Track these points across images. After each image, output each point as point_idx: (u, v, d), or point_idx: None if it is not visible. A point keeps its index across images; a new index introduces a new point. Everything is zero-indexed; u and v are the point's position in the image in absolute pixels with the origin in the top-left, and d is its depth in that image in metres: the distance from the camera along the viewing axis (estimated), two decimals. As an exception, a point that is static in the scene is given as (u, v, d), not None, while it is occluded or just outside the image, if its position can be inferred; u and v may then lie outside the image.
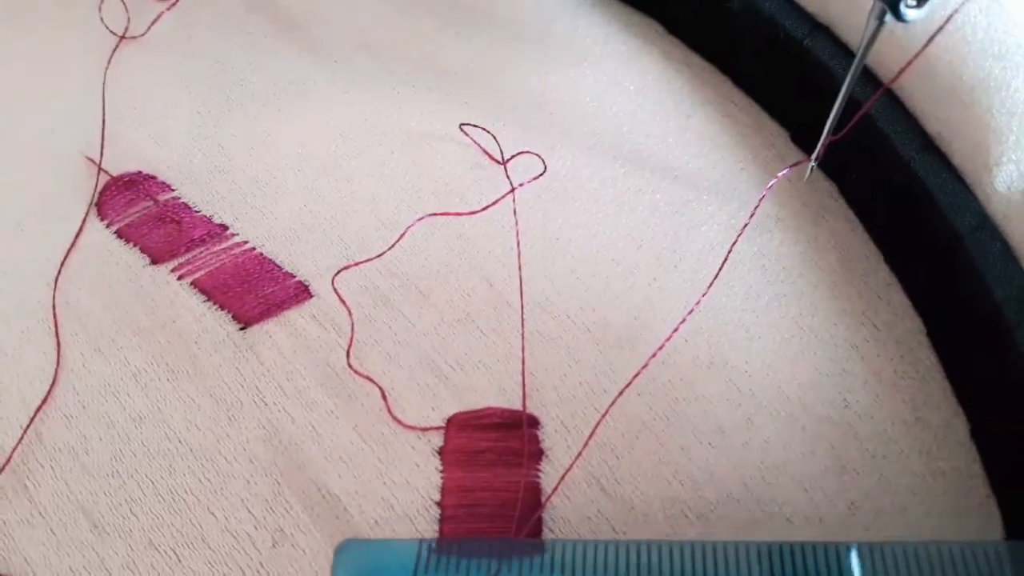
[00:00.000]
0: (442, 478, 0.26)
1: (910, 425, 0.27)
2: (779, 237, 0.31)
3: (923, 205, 0.28)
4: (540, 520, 0.26)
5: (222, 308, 0.29)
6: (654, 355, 0.28)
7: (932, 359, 0.29)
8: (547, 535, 0.25)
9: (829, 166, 0.32)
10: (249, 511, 0.26)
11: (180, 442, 0.27)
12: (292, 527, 0.25)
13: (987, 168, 0.28)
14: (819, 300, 0.30)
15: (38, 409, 0.27)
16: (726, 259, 0.29)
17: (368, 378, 0.28)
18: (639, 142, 0.34)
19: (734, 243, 0.30)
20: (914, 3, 0.24)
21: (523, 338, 0.29)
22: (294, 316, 0.29)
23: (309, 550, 0.25)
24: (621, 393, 0.27)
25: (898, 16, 0.24)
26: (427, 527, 0.26)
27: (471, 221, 0.31)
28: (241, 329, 0.29)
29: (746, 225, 0.30)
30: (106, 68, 0.36)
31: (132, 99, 0.35)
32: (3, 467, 0.26)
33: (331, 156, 0.33)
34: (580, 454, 0.26)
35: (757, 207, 0.30)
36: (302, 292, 0.29)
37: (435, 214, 0.31)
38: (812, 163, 0.30)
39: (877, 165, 0.30)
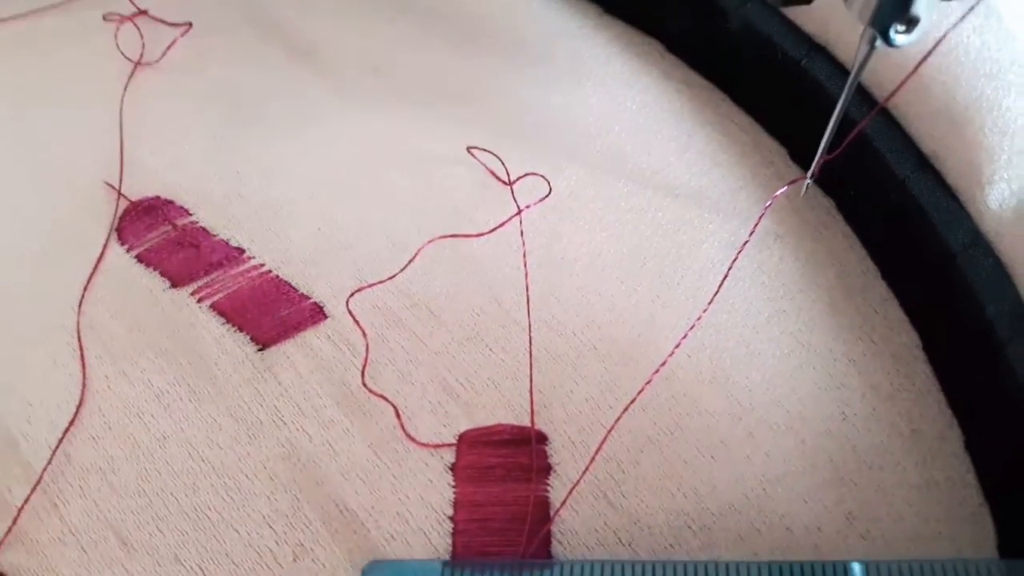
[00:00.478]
0: (454, 493, 0.27)
1: (906, 437, 0.28)
2: (778, 254, 0.32)
3: (917, 222, 0.29)
4: (549, 533, 0.27)
5: (240, 330, 0.30)
6: (657, 371, 0.29)
7: (928, 372, 0.29)
8: (556, 548, 0.27)
9: (827, 184, 0.33)
10: (271, 527, 0.27)
11: (203, 461, 0.28)
12: (312, 542, 0.27)
13: (980, 186, 0.29)
14: (817, 315, 0.31)
15: (66, 431, 0.28)
16: (726, 276, 0.30)
17: (382, 396, 0.29)
18: (641, 161, 0.35)
19: (734, 260, 0.31)
20: (903, 28, 0.25)
21: (531, 356, 0.30)
22: (310, 337, 0.30)
23: (329, 564, 0.26)
24: (626, 409, 0.28)
25: (888, 41, 0.25)
26: (440, 541, 0.27)
27: (479, 242, 0.32)
28: (259, 350, 0.30)
29: (746, 242, 0.31)
30: (123, 95, 0.37)
31: (149, 125, 0.36)
32: (34, 487, 0.27)
33: (343, 179, 0.34)
34: (587, 469, 0.27)
35: (757, 224, 0.31)
36: (317, 313, 0.31)
37: (444, 236, 0.32)
38: (808, 180, 0.31)
39: (873, 183, 0.31)
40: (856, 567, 0.24)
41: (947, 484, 0.27)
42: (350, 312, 0.31)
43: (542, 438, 0.28)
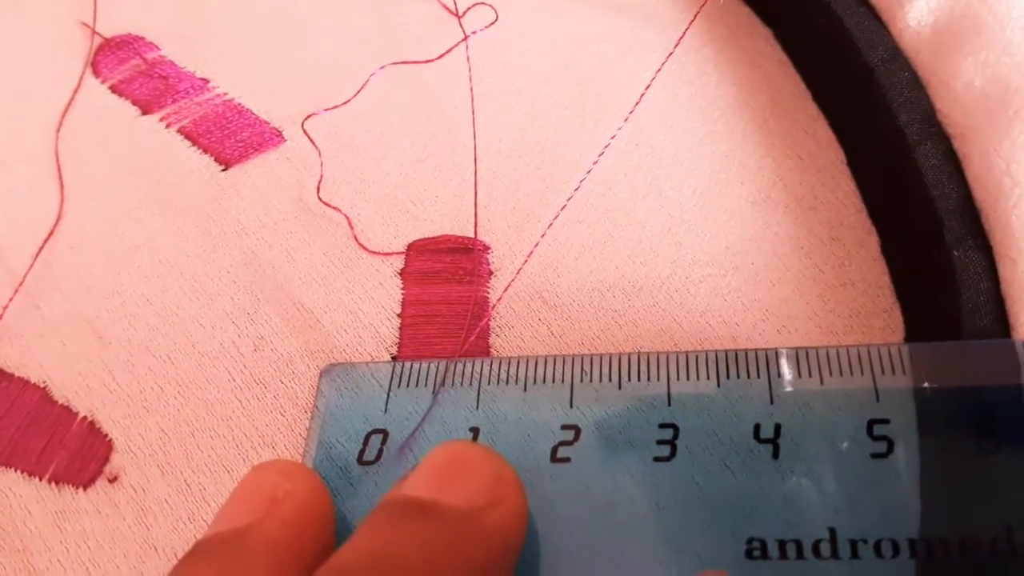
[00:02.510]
0: (402, 294, 0.30)
1: (826, 243, 0.30)
2: (716, 79, 0.33)
3: (842, 42, 0.31)
4: (488, 326, 0.29)
5: (205, 152, 0.32)
6: (585, 177, 0.31)
7: (851, 186, 0.31)
8: (494, 340, 0.29)
9: (766, 13, 0.34)
10: (233, 322, 0.29)
11: (171, 266, 0.30)
12: (271, 335, 0.29)
13: (900, 5, 0.30)
14: (750, 136, 0.32)
15: (46, 240, 0.31)
16: (649, 85, 0.31)
17: (337, 209, 0.31)
18: (591, -3, 0.36)
19: (658, 70, 0.32)
20: None
21: (475, 175, 0.32)
22: (270, 157, 0.32)
23: (286, 353, 0.29)
24: (557, 216, 0.30)
25: None
26: (388, 334, 0.29)
27: (430, 71, 0.34)
28: (223, 170, 0.32)
29: (671, 53, 0.32)
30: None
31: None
32: (16, 289, 0.30)
33: (300, 14, 0.36)
34: (521, 268, 0.30)
35: (685, 32, 0.33)
36: (276, 136, 0.33)
37: (394, 63, 0.34)
38: None
39: (804, 8, 0.32)
40: (773, 353, 0.26)
41: (863, 284, 0.29)
42: (306, 134, 0.33)
43: (485, 247, 0.31)
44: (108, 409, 0.28)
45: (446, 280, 0.30)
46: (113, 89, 0.34)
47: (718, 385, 0.25)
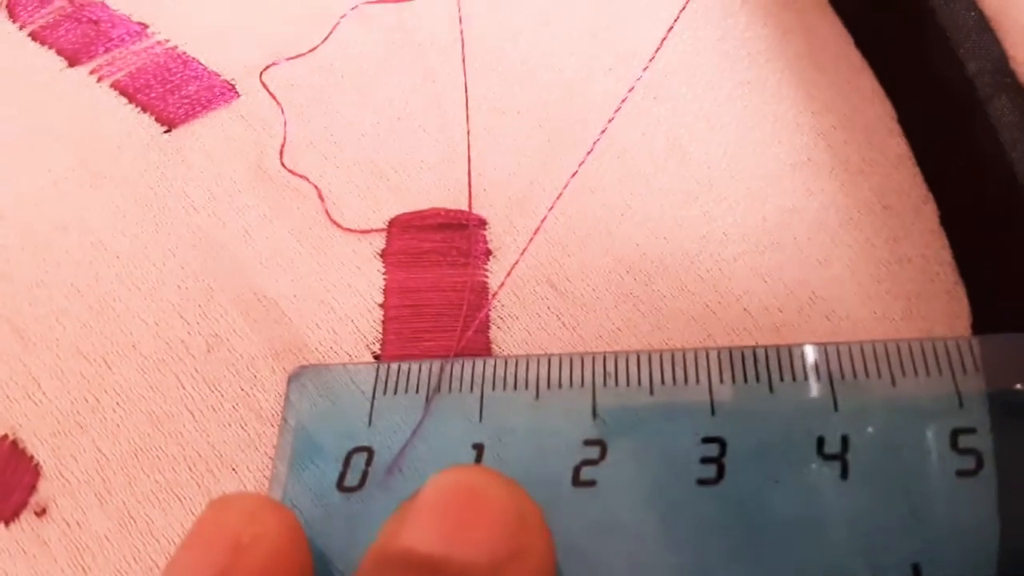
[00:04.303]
0: (385, 280, 0.25)
1: (877, 213, 0.26)
2: (744, 21, 0.29)
3: (895, -25, 0.26)
4: (487, 318, 0.25)
5: (144, 110, 0.27)
6: (598, 138, 0.26)
7: (903, 146, 0.27)
8: (495, 333, 0.25)
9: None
10: (181, 317, 0.25)
11: (106, 250, 0.26)
12: (228, 332, 0.24)
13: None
14: (785, 87, 0.28)
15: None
16: (671, 28, 0.27)
17: (304, 178, 0.26)
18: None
19: (684, 7, 0.27)
20: None
21: (468, 135, 0.27)
22: (221, 116, 0.27)
23: (246, 354, 0.24)
24: (566, 186, 0.26)
25: None
26: (370, 329, 0.25)
27: (411, 9, 0.29)
28: (166, 132, 0.27)
29: None
30: None
31: None
32: (-81, 280, 0.25)
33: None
34: (525, 249, 0.25)
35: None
36: (228, 91, 0.28)
37: (369, 1, 0.29)
38: None
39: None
40: (833, 350, 0.22)
41: (920, 261, 0.25)
42: (265, 87, 0.28)
43: (481, 223, 0.26)
44: (33, 425, 0.24)
45: (436, 263, 0.25)
46: (33, 36, 0.29)
47: (771, 390, 0.21)
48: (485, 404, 0.22)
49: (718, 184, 0.26)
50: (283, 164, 0.26)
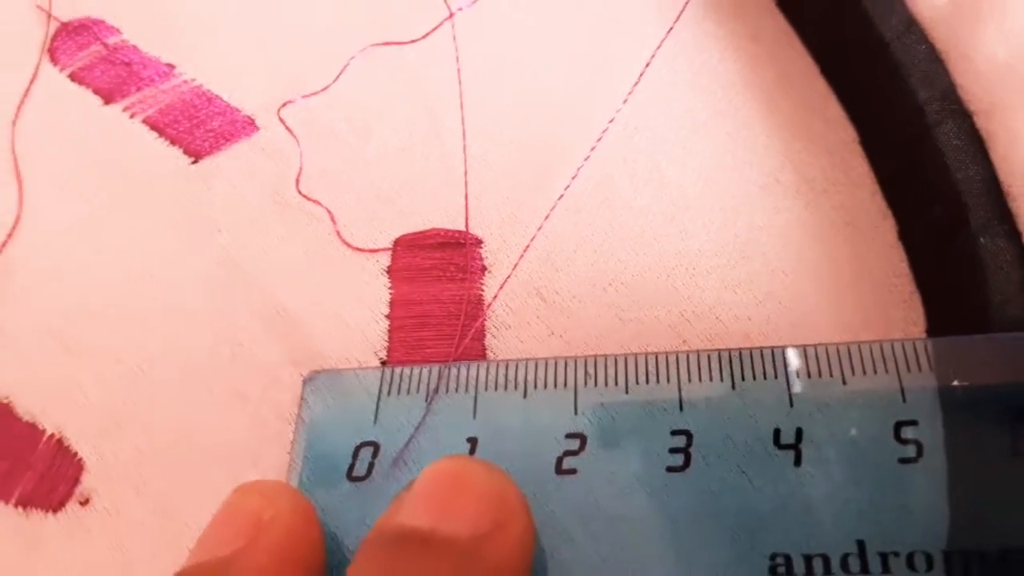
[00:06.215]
0: (390, 293, 0.28)
1: (839, 228, 0.28)
2: (718, 56, 0.31)
3: (853, 13, 0.29)
4: (483, 327, 0.27)
5: (173, 143, 0.30)
6: (582, 164, 0.29)
7: (864, 167, 0.29)
8: (490, 341, 0.27)
9: (768, -16, 0.32)
10: (209, 328, 0.27)
11: (140, 269, 0.28)
12: (250, 341, 0.27)
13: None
14: (756, 115, 0.30)
15: (3, 243, 0.29)
16: (649, 62, 0.29)
17: (317, 203, 0.29)
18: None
19: (659, 45, 0.30)
20: None
21: (465, 163, 0.30)
22: (243, 148, 0.30)
23: (267, 360, 0.27)
24: (553, 207, 0.28)
25: None
26: (377, 338, 0.27)
27: (413, 52, 0.32)
28: (192, 163, 0.30)
29: (671, 28, 0.30)
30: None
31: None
32: (-25, 297, 0.28)
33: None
34: (517, 264, 0.28)
35: (684, 7, 0.31)
36: (249, 125, 0.30)
37: (376, 44, 0.32)
38: None
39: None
40: (791, 352, 0.24)
41: (879, 273, 0.28)
42: (282, 122, 0.30)
43: (477, 241, 0.29)
44: (77, 425, 0.26)
45: (437, 278, 0.28)
46: (72, 77, 0.32)
47: (732, 387, 0.24)
48: (479, 403, 0.24)
49: (693, 204, 0.29)
50: (299, 191, 0.29)
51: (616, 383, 0.24)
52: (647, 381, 0.24)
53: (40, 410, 0.26)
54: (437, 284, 0.28)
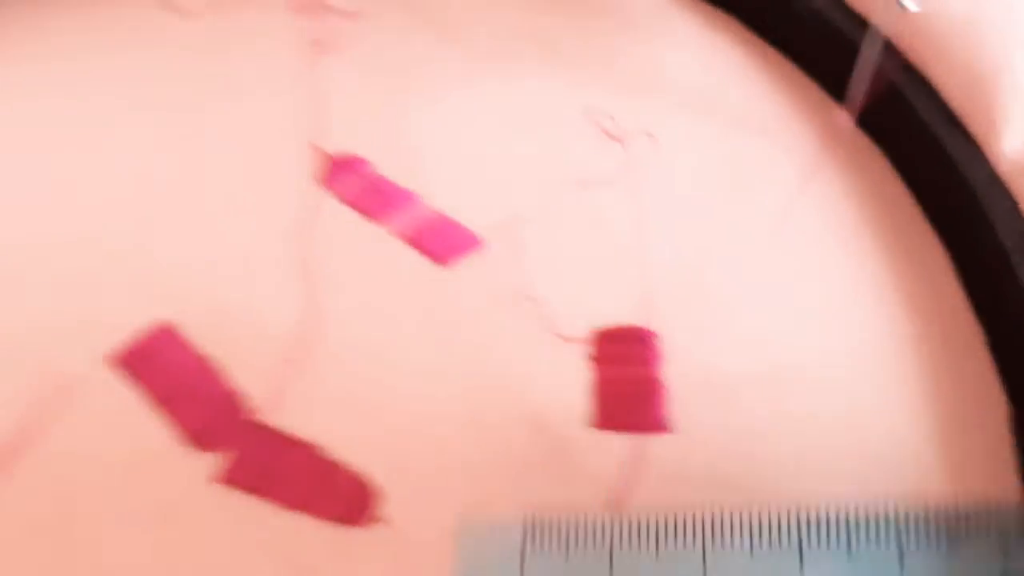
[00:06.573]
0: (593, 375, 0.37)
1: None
2: (843, 205, 0.41)
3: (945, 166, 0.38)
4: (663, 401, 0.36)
5: (423, 253, 0.40)
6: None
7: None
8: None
9: (876, 135, 0.42)
10: (462, 399, 0.36)
11: (404, 360, 0.37)
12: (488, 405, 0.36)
13: (995, 134, 0.37)
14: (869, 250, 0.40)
15: (298, 357, 0.37)
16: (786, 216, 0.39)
17: (534, 302, 0.38)
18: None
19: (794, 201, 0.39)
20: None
21: (648, 283, 0.39)
22: (474, 258, 0.40)
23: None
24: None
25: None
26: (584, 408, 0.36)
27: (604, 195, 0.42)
28: (438, 269, 0.39)
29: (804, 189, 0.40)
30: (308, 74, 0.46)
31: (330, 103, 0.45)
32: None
33: (490, 135, 0.44)
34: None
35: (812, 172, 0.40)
36: (477, 242, 0.40)
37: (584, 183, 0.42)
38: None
39: (910, 135, 0.39)
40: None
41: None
42: (503, 241, 0.40)
43: (654, 335, 0.38)
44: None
45: (624, 363, 0.37)
46: (342, 202, 0.41)
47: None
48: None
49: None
50: (521, 294, 0.39)
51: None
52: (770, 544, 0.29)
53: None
54: (627, 368, 0.37)
